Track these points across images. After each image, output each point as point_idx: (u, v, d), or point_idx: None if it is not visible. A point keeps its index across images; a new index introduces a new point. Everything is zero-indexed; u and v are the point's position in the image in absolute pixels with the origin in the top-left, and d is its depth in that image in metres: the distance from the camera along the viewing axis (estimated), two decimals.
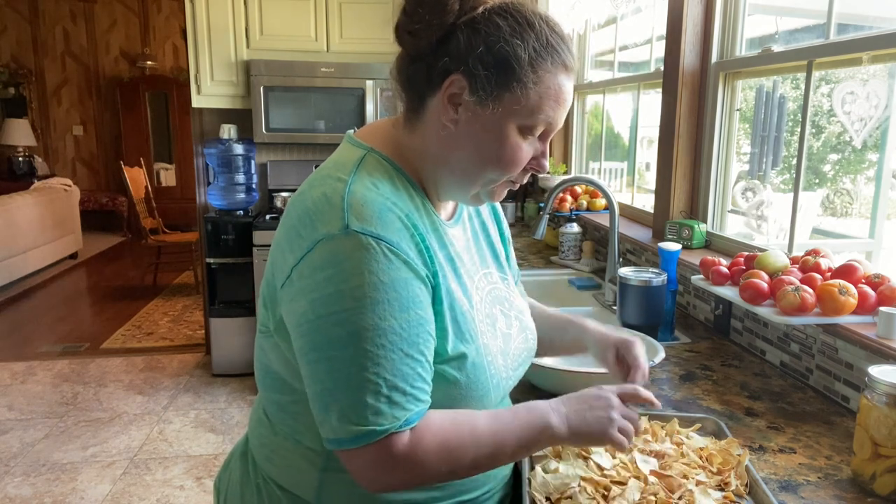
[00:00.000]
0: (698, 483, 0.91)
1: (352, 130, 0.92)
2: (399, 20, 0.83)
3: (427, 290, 0.80)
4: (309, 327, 0.76)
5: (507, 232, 1.11)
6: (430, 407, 0.82)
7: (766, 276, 1.38)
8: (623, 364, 1.03)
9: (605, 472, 0.94)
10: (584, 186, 2.89)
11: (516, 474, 1.02)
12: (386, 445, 0.74)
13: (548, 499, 0.91)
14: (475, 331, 0.86)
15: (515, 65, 0.79)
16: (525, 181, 0.89)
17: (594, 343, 1.07)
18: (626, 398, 0.87)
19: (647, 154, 3.01)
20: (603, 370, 1.24)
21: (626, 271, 1.63)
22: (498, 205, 1.11)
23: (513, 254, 1.14)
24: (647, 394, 0.89)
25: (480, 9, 0.80)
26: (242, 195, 3.71)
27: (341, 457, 0.77)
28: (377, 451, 0.74)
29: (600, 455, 0.97)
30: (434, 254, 0.83)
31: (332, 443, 0.76)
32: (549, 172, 3.29)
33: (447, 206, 0.95)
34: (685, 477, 0.92)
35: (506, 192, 0.91)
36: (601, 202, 2.80)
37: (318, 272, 0.76)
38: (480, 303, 0.90)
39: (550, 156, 3.79)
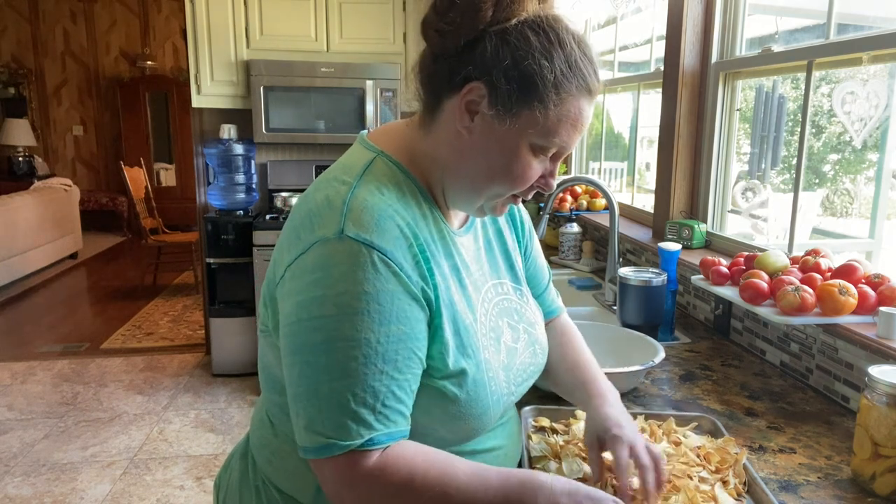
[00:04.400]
0: (702, 480, 0.91)
1: (365, 131, 0.91)
2: (428, 16, 0.80)
3: (419, 306, 0.77)
4: (290, 329, 0.76)
5: (529, 236, 1.07)
6: (430, 423, 0.80)
7: (766, 276, 1.37)
8: (601, 453, 0.92)
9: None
10: (584, 186, 2.89)
11: None
12: (349, 462, 0.72)
13: None
14: (477, 345, 0.83)
15: (539, 84, 0.76)
16: (529, 197, 0.87)
17: (587, 419, 0.96)
18: None
19: (647, 154, 3.02)
20: (604, 370, 1.23)
21: (626, 271, 1.63)
22: (524, 211, 1.08)
23: (539, 256, 1.10)
24: None
25: (514, 20, 0.76)
26: (242, 195, 3.71)
27: (310, 464, 0.76)
28: (339, 465, 0.72)
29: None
30: (435, 265, 0.80)
31: (301, 450, 0.75)
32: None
33: (459, 214, 0.92)
34: (688, 477, 0.92)
35: (508, 207, 0.89)
36: (601, 202, 2.80)
37: (307, 274, 0.75)
38: (485, 315, 0.88)
39: None
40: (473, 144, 0.80)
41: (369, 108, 3.68)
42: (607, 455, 0.92)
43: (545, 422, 1.12)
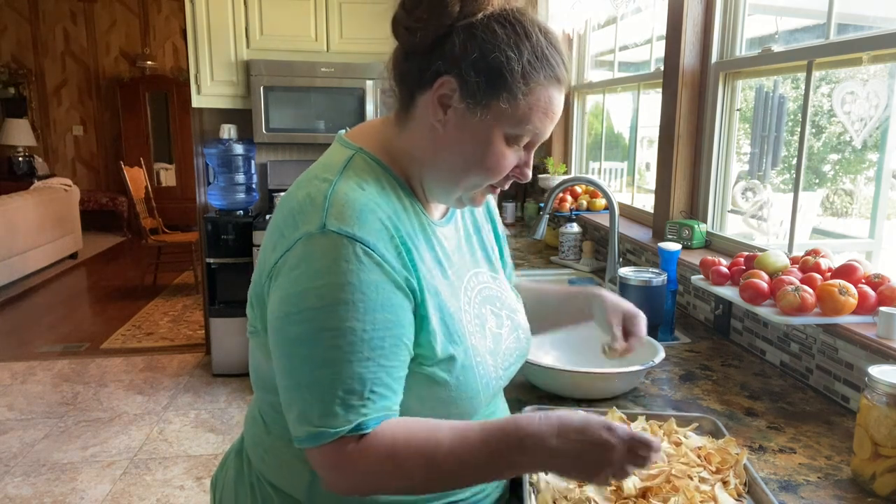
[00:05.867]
0: (702, 480, 0.91)
1: (343, 130, 0.93)
2: (397, 14, 0.83)
3: (404, 295, 0.79)
4: (277, 324, 0.77)
5: (502, 229, 1.11)
6: (421, 409, 0.82)
7: (766, 276, 1.38)
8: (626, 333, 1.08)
9: None
10: (584, 186, 2.89)
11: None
12: (337, 447, 0.74)
13: (554, 502, 0.91)
14: (463, 332, 0.85)
15: (507, 75, 0.78)
16: (506, 187, 0.89)
17: (606, 309, 1.10)
18: (636, 447, 0.75)
19: (647, 154, 3.02)
20: (605, 370, 1.24)
21: (626, 271, 1.63)
22: (493, 202, 1.11)
23: (507, 251, 1.14)
24: (658, 446, 0.76)
25: (480, 14, 0.79)
26: (242, 195, 3.71)
27: (306, 454, 0.78)
28: (329, 452, 0.75)
29: None
30: (417, 256, 0.82)
31: (295, 440, 0.77)
32: (543, 176, 3.29)
33: (439, 206, 0.95)
34: (689, 477, 0.92)
35: (486, 197, 0.91)
36: (601, 202, 2.80)
37: (292, 270, 0.76)
38: (469, 303, 0.90)
39: (549, 156, 3.77)
40: (448, 137, 0.82)
41: (369, 108, 3.68)
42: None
43: None
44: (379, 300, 0.76)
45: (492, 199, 1.12)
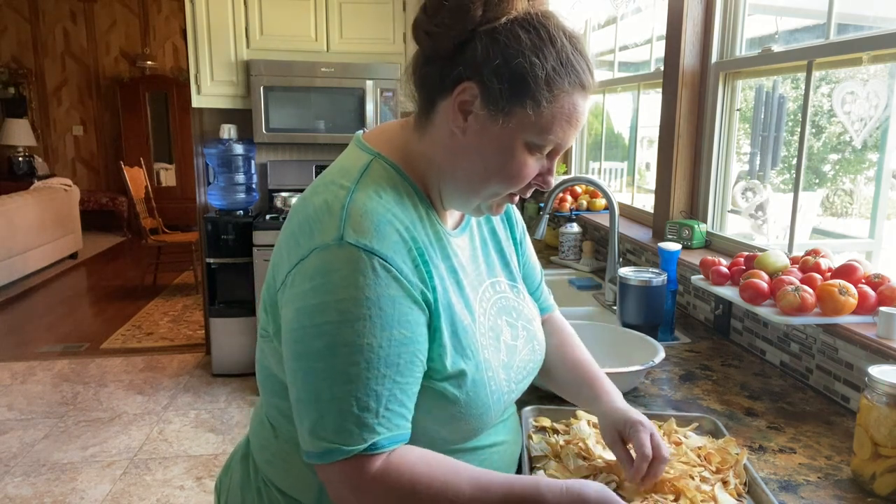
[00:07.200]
0: (702, 480, 0.91)
1: (361, 132, 0.90)
2: (418, 18, 0.81)
3: (420, 309, 0.78)
4: (292, 336, 0.76)
5: (522, 234, 1.08)
6: (431, 424, 0.81)
7: (766, 276, 1.37)
8: (627, 447, 0.92)
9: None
10: (584, 186, 2.89)
11: None
12: (354, 466, 0.73)
13: None
14: (476, 346, 0.83)
15: (531, 82, 0.76)
16: (528, 195, 0.87)
17: (601, 417, 0.96)
18: None
19: (647, 154, 3.02)
20: (604, 370, 1.24)
21: (626, 271, 1.63)
22: (514, 207, 1.07)
23: (532, 254, 1.11)
24: None
25: (503, 19, 0.76)
26: (242, 195, 3.71)
27: (315, 469, 0.76)
28: (344, 469, 0.73)
29: (602, 448, 0.98)
30: (433, 268, 0.81)
31: (305, 455, 0.75)
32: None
33: (454, 214, 0.92)
34: (689, 477, 0.92)
35: (505, 206, 0.89)
36: (601, 202, 2.80)
37: (307, 281, 0.75)
38: (484, 315, 0.88)
39: None
40: (468, 145, 0.80)
41: (369, 108, 3.68)
42: (608, 455, 0.92)
43: (546, 422, 1.12)
44: (395, 316, 0.74)
45: (516, 209, 1.08)
